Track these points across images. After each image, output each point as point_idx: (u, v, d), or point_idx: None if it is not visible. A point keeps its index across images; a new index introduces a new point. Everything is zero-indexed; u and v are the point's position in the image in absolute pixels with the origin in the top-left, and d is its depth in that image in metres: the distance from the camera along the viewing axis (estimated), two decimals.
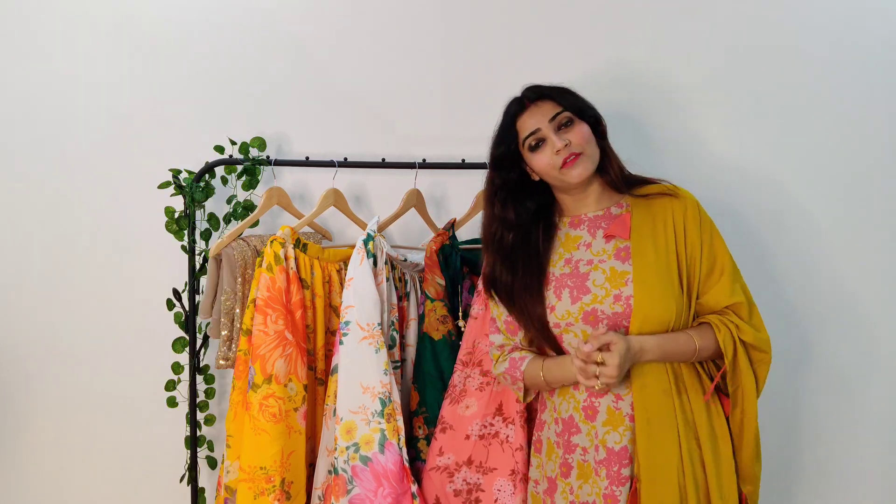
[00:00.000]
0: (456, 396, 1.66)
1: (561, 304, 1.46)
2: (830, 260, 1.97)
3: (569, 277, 1.47)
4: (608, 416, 1.42)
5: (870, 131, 1.95)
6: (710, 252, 1.45)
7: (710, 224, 1.47)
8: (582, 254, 1.49)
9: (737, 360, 1.41)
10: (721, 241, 1.47)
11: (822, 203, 1.96)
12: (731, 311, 1.44)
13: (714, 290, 1.44)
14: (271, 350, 1.59)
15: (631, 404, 1.41)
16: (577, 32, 1.96)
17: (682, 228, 1.45)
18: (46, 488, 2.04)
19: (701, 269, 1.44)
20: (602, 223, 1.50)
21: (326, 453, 1.66)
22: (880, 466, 2.00)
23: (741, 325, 1.42)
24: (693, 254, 1.44)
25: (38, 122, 1.96)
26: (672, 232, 1.45)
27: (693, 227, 1.46)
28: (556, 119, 1.45)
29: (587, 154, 1.45)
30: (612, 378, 1.33)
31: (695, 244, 1.45)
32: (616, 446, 1.41)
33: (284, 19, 1.95)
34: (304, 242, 1.70)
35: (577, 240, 1.51)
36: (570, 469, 1.46)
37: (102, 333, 2.00)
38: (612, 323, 1.42)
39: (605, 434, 1.42)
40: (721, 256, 1.46)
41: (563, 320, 1.45)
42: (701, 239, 1.45)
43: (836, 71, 1.94)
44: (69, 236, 1.98)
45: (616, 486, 1.40)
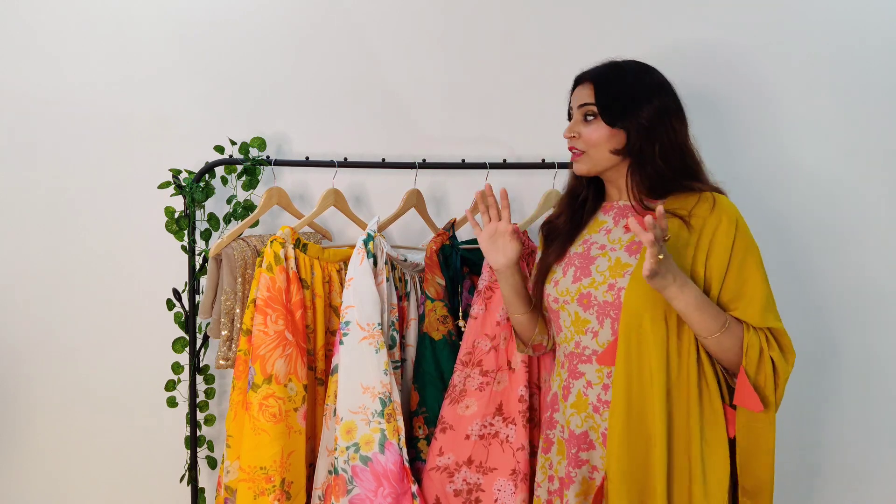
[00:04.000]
0: (456, 396, 1.66)
1: (563, 281, 1.47)
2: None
3: (578, 257, 1.48)
4: (576, 398, 1.45)
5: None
6: (738, 275, 1.35)
7: (745, 245, 1.36)
8: (599, 237, 1.48)
9: (760, 369, 1.33)
10: (757, 265, 1.36)
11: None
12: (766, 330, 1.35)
13: (744, 310, 1.34)
14: (271, 350, 1.59)
15: (598, 395, 1.41)
16: (577, 31, 1.96)
17: (709, 239, 1.36)
18: (46, 488, 2.04)
19: (724, 285, 1.35)
20: (629, 213, 1.45)
21: (326, 453, 1.66)
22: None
23: (773, 344, 1.34)
24: (716, 266, 1.35)
25: (38, 122, 1.96)
26: (696, 239, 1.37)
27: (723, 240, 1.35)
28: (583, 108, 1.44)
29: (589, 156, 1.44)
30: (653, 260, 1.23)
31: (721, 258, 1.35)
32: (577, 430, 1.44)
33: (284, 19, 1.95)
34: (304, 242, 1.70)
35: (601, 224, 1.50)
36: (550, 445, 1.52)
37: (102, 333, 2.00)
38: (600, 312, 1.41)
39: (571, 416, 1.45)
40: (753, 283, 1.35)
41: (561, 296, 1.47)
42: (730, 258, 1.35)
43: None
44: (69, 236, 1.98)
45: (573, 468, 1.43)
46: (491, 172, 1.88)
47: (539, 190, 1.91)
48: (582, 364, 1.45)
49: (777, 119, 1.95)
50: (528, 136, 1.97)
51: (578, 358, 1.45)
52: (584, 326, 1.43)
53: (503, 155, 1.94)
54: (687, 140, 1.44)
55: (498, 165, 1.89)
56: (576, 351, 1.45)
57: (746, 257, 1.36)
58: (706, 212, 1.37)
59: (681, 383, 1.36)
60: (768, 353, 1.33)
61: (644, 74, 1.44)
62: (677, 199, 1.40)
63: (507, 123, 1.98)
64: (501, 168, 1.90)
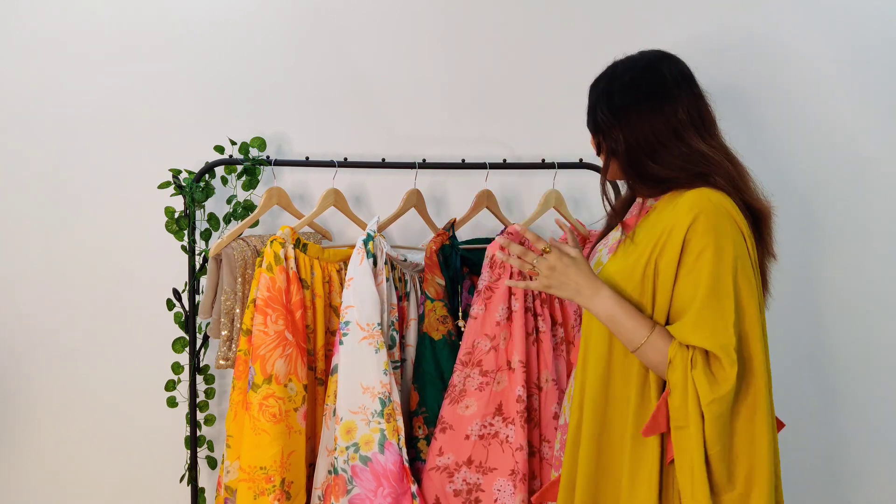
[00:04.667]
0: (456, 396, 1.66)
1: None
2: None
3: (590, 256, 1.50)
4: (569, 389, 1.50)
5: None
6: (685, 279, 1.23)
7: (702, 244, 1.21)
8: (610, 238, 1.47)
9: (687, 392, 1.19)
10: (711, 266, 1.20)
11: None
12: (698, 349, 1.21)
13: (677, 324, 1.23)
14: (271, 350, 1.59)
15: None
16: (577, 30, 1.96)
17: (665, 240, 1.25)
18: (46, 488, 2.04)
19: (675, 291, 1.25)
20: (635, 210, 1.44)
21: (326, 453, 1.66)
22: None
23: (697, 363, 1.19)
24: (665, 268, 1.25)
25: (38, 121, 1.96)
26: (655, 239, 1.27)
27: (676, 237, 1.24)
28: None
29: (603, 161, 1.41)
30: (544, 272, 1.29)
31: (671, 258, 1.24)
32: (568, 419, 1.47)
33: (284, 19, 1.95)
34: (304, 242, 1.70)
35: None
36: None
37: (102, 333, 2.00)
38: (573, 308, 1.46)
39: (566, 405, 1.52)
40: (696, 281, 1.21)
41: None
42: (681, 257, 1.23)
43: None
44: (69, 236, 1.98)
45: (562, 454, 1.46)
46: (491, 172, 1.88)
47: (539, 190, 1.91)
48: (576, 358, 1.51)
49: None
50: (528, 136, 1.97)
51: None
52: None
53: (503, 155, 1.94)
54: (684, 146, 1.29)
55: (498, 165, 1.89)
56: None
57: (700, 257, 1.21)
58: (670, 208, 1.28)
59: (621, 390, 1.30)
60: (690, 374, 1.19)
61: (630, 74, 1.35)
62: (672, 196, 1.31)
63: (507, 123, 1.98)
64: (501, 168, 1.90)
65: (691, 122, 1.31)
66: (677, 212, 1.25)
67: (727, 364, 1.18)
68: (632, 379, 1.29)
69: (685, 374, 1.20)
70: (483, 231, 1.95)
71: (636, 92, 1.33)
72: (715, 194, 1.26)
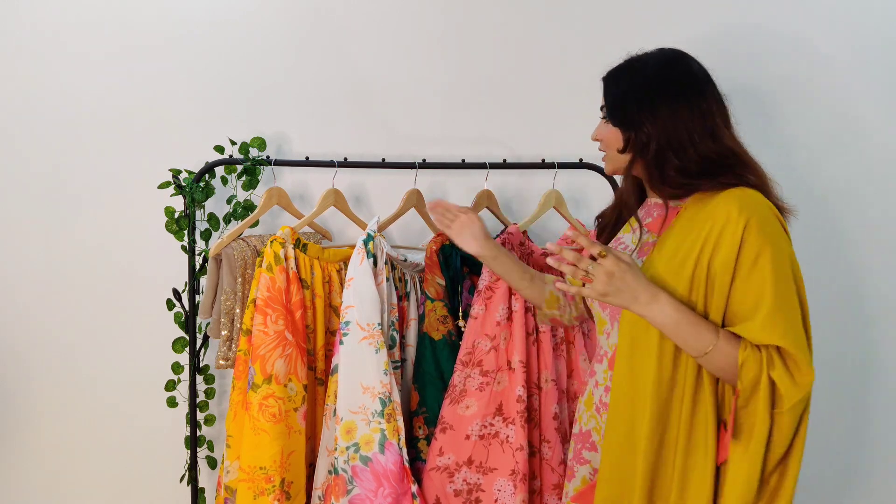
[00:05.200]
0: (456, 396, 1.66)
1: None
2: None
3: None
4: (588, 396, 1.46)
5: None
6: (748, 273, 1.20)
7: (762, 242, 1.19)
8: (626, 238, 1.44)
9: (755, 393, 1.18)
10: (772, 267, 1.19)
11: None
12: (773, 349, 1.19)
13: (746, 323, 1.20)
14: (271, 350, 1.59)
15: (601, 396, 1.41)
16: (577, 30, 1.96)
17: (716, 238, 1.22)
18: (46, 488, 2.04)
19: (732, 291, 1.22)
20: (655, 212, 1.39)
21: (326, 453, 1.66)
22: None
23: (776, 362, 1.17)
24: (721, 269, 1.21)
25: (38, 121, 1.96)
26: (703, 240, 1.23)
27: (729, 239, 1.20)
28: (602, 108, 1.41)
29: (609, 156, 1.40)
30: (600, 279, 1.19)
31: (727, 259, 1.21)
32: (584, 427, 1.45)
33: (284, 19, 1.95)
34: (304, 242, 1.70)
35: (633, 222, 1.44)
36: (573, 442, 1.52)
37: (102, 333, 2.00)
38: (612, 313, 1.38)
39: (583, 412, 1.47)
40: (762, 283, 1.19)
41: (588, 295, 1.39)
42: (738, 258, 1.20)
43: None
44: (69, 236, 1.98)
45: (577, 464, 1.45)
46: (491, 172, 1.87)
47: (539, 190, 1.91)
48: (597, 363, 1.45)
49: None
50: (528, 136, 1.97)
51: (596, 357, 1.47)
52: (603, 327, 1.43)
53: (503, 155, 1.94)
54: (713, 141, 1.29)
55: (498, 165, 1.89)
56: (597, 349, 1.47)
57: (759, 259, 1.19)
58: (719, 208, 1.23)
59: (675, 395, 1.25)
60: (767, 374, 1.17)
61: (657, 72, 1.33)
62: (700, 198, 1.29)
63: (507, 123, 1.98)
64: (501, 168, 1.90)
65: (721, 118, 1.31)
66: (724, 211, 1.22)
67: (804, 364, 1.17)
68: (687, 387, 1.24)
69: (760, 376, 1.17)
70: None
71: (669, 85, 1.31)
72: (757, 194, 1.25)
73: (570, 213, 1.87)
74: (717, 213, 1.23)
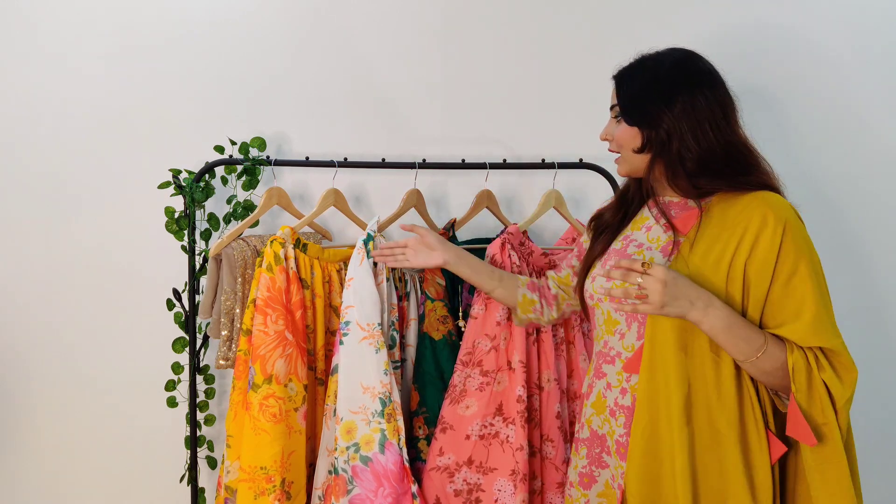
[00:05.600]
0: (456, 396, 1.66)
1: (599, 278, 1.43)
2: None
3: (616, 254, 1.43)
4: (596, 399, 1.42)
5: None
6: (787, 279, 1.22)
7: (798, 248, 1.22)
8: (639, 235, 1.41)
9: (812, 392, 1.20)
10: (809, 273, 1.22)
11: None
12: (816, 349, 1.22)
13: (789, 325, 1.21)
14: (271, 350, 1.59)
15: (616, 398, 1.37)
16: (577, 30, 1.96)
17: (752, 243, 1.23)
18: (46, 488, 2.04)
19: (770, 295, 1.23)
20: (672, 210, 1.37)
21: (327, 453, 1.66)
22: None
23: (823, 364, 1.20)
24: (758, 274, 1.23)
25: (38, 121, 1.96)
26: (736, 243, 1.24)
27: (767, 245, 1.22)
28: (613, 108, 1.40)
29: (624, 158, 1.39)
30: (656, 290, 1.17)
31: (764, 265, 1.23)
32: (599, 430, 1.41)
33: (284, 19, 1.95)
34: (304, 242, 1.70)
35: (643, 221, 1.43)
36: (577, 444, 1.49)
37: (102, 333, 2.00)
38: (627, 316, 1.35)
39: (591, 416, 1.43)
40: (803, 289, 1.21)
41: (595, 293, 1.42)
42: (776, 263, 1.22)
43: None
44: (69, 236, 1.98)
45: (596, 468, 1.41)
46: (491, 172, 1.88)
47: (539, 190, 1.91)
48: (606, 364, 1.41)
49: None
50: (528, 136, 1.97)
51: (604, 358, 1.42)
52: (614, 327, 1.39)
53: (503, 155, 1.94)
54: (731, 135, 1.30)
55: (498, 165, 1.89)
56: (603, 350, 1.42)
57: (798, 265, 1.22)
58: (751, 211, 1.25)
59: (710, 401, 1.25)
60: (819, 377, 1.20)
61: (672, 68, 1.32)
62: (724, 197, 1.30)
63: (507, 123, 1.98)
64: (501, 168, 1.90)
65: (733, 111, 1.33)
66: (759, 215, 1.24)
67: (849, 362, 1.21)
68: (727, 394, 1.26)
69: (812, 378, 1.20)
70: (483, 231, 1.95)
71: (683, 80, 1.31)
72: (784, 199, 1.28)
73: (570, 213, 1.87)
74: (751, 217, 1.24)
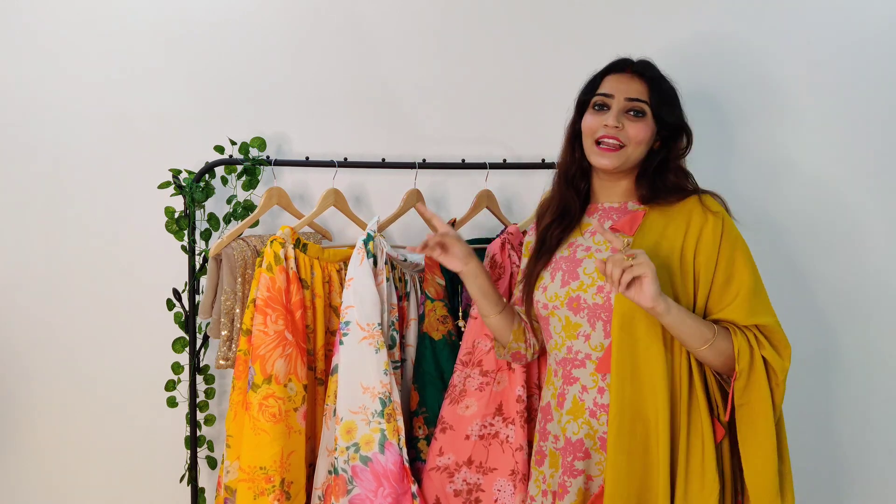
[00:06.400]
0: (456, 396, 1.66)
1: (552, 286, 1.45)
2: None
3: (565, 261, 1.46)
4: (572, 404, 1.42)
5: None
6: (727, 267, 1.35)
7: (733, 240, 1.37)
8: (584, 240, 1.46)
9: (752, 372, 1.30)
10: (745, 260, 1.36)
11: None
12: (754, 328, 1.33)
13: (730, 308, 1.33)
14: (271, 350, 1.59)
15: (594, 399, 1.39)
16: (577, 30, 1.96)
17: (696, 237, 1.36)
18: (46, 488, 2.04)
19: (714, 283, 1.35)
20: (614, 215, 1.46)
21: (326, 453, 1.66)
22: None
23: (763, 342, 1.32)
24: (705, 264, 1.35)
25: (38, 121, 1.96)
26: (682, 236, 1.37)
27: (710, 237, 1.35)
28: (633, 101, 1.40)
29: (628, 153, 1.40)
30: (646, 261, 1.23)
31: (709, 255, 1.35)
32: (573, 437, 1.41)
33: (284, 19, 1.95)
34: (304, 242, 1.70)
35: (586, 227, 1.48)
36: (543, 458, 1.49)
37: (102, 333, 2.00)
38: (591, 314, 1.39)
39: (567, 423, 1.42)
40: (741, 275, 1.34)
41: (550, 302, 1.44)
42: (718, 252, 1.35)
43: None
44: (69, 236, 1.98)
45: (568, 478, 1.40)
46: (491, 172, 1.88)
47: (539, 190, 1.90)
48: (576, 369, 1.42)
49: (778, 118, 1.95)
50: (528, 136, 1.97)
51: (571, 363, 1.42)
52: (576, 330, 1.41)
53: (503, 155, 1.94)
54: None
55: (498, 165, 1.89)
56: (568, 356, 1.43)
57: (734, 254, 1.35)
58: (694, 211, 1.39)
59: (675, 385, 1.34)
60: (759, 353, 1.30)
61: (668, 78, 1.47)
62: (669, 200, 1.42)
63: (507, 123, 1.98)
64: (501, 168, 1.90)
65: None
66: (700, 213, 1.38)
67: (784, 337, 1.33)
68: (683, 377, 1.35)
69: (754, 356, 1.30)
70: (483, 231, 1.95)
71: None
72: (714, 199, 1.42)
73: None
74: (692, 215, 1.38)
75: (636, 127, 1.39)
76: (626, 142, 1.40)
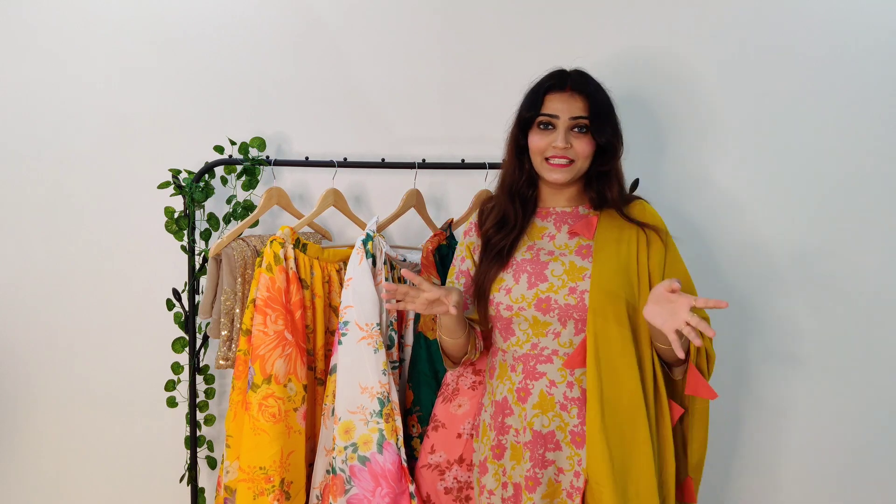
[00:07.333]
0: (448, 395, 1.66)
1: (517, 288, 1.48)
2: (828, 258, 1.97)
3: (529, 263, 1.50)
4: (539, 399, 1.46)
5: (865, 133, 1.94)
6: (671, 268, 1.48)
7: (671, 245, 1.51)
8: (545, 244, 1.52)
9: (699, 358, 1.45)
10: (680, 262, 1.51)
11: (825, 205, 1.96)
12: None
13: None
14: (271, 350, 1.59)
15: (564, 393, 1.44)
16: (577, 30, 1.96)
17: (647, 242, 1.48)
18: (46, 488, 2.05)
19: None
20: (569, 220, 1.54)
21: (324, 453, 1.66)
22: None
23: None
24: (657, 269, 1.47)
25: (38, 121, 1.97)
26: (635, 242, 1.48)
27: (658, 245, 1.48)
28: (577, 120, 1.46)
29: (577, 167, 1.48)
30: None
31: (659, 261, 1.47)
32: (543, 430, 1.45)
33: (284, 20, 1.95)
34: (303, 242, 1.70)
35: (542, 230, 1.54)
36: (503, 451, 1.51)
37: (102, 333, 2.01)
38: (562, 314, 1.44)
39: (534, 417, 1.46)
40: (683, 275, 1.50)
41: (516, 303, 1.47)
42: (665, 258, 1.48)
43: (833, 72, 1.94)
44: (69, 236, 1.99)
45: (539, 469, 1.44)
46: (490, 172, 1.88)
47: None
48: (541, 364, 1.47)
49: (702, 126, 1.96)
50: None
51: (536, 359, 1.47)
52: (545, 328, 1.46)
53: (503, 155, 1.94)
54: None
55: (498, 165, 1.88)
56: (532, 352, 1.48)
57: (675, 256, 1.50)
58: (642, 217, 1.50)
59: (644, 374, 1.43)
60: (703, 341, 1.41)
61: (605, 90, 1.52)
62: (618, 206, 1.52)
63: (506, 123, 1.97)
64: (501, 168, 1.89)
65: None
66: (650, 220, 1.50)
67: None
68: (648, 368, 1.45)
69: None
70: None
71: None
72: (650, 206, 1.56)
73: None
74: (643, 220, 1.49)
75: (582, 143, 1.47)
76: (575, 157, 1.48)
